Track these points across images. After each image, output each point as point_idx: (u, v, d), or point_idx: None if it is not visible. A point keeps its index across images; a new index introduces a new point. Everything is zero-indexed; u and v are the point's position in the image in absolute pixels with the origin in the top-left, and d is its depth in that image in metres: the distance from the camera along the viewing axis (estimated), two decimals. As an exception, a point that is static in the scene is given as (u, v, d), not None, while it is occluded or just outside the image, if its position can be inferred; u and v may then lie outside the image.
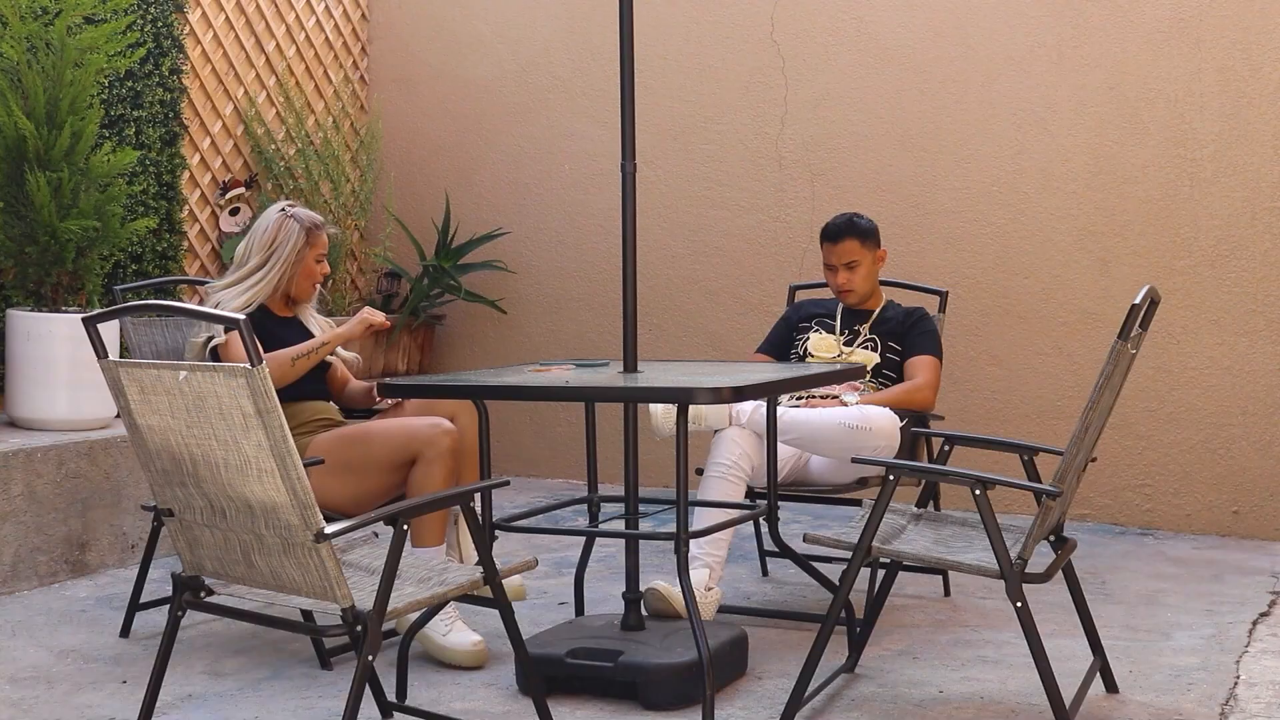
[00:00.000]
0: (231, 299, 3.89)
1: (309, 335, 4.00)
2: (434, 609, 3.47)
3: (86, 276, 4.88)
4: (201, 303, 4.50)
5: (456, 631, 3.66)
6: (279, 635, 3.86)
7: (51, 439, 4.60)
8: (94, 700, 3.39)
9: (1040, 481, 3.14)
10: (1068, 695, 3.10)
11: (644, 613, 3.65)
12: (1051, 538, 3.31)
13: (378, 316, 3.99)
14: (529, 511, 3.80)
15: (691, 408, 3.95)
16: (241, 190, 6.16)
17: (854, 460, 3.32)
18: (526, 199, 6.63)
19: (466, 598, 3.06)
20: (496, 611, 2.89)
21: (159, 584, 4.54)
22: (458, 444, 3.72)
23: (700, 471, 4.10)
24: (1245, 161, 5.33)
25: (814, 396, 4.20)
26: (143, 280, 4.99)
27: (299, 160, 6.34)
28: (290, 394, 3.80)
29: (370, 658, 2.58)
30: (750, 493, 4.09)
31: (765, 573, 4.70)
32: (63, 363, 4.70)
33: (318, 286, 4.08)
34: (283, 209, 4.00)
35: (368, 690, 3.11)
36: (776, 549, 3.76)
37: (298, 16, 6.53)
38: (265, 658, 3.73)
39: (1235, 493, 5.37)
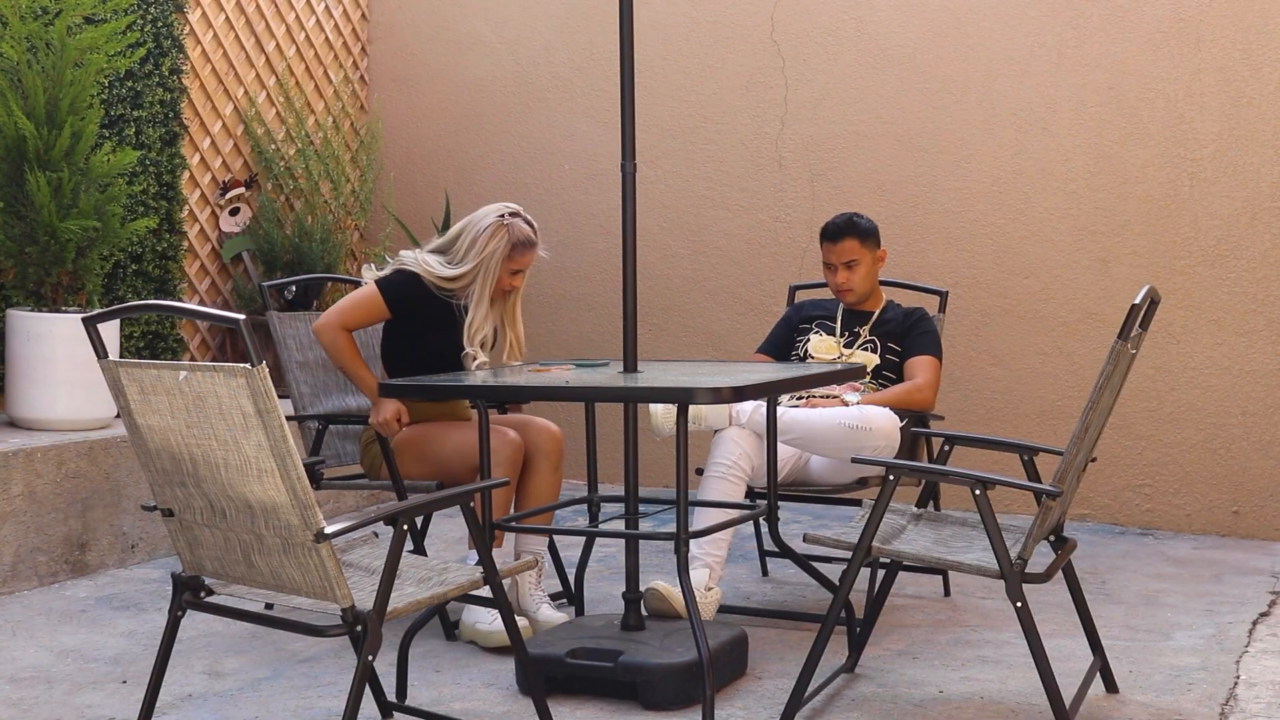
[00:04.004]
0: (436, 267, 3.98)
1: (456, 316, 4.04)
2: (435, 608, 3.47)
3: (86, 276, 4.88)
4: (193, 301, 4.50)
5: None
6: (279, 635, 3.86)
7: (51, 439, 4.60)
8: (94, 700, 3.39)
9: (1040, 481, 3.14)
10: (1068, 695, 3.10)
11: (644, 613, 3.65)
12: (1051, 538, 3.31)
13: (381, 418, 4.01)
14: (529, 512, 3.80)
15: (691, 408, 3.95)
16: (241, 190, 6.16)
17: (854, 460, 3.33)
18: (526, 199, 6.62)
19: (466, 597, 3.06)
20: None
21: (159, 584, 4.54)
22: (518, 455, 3.88)
23: (700, 471, 4.10)
24: (1245, 161, 5.33)
25: (814, 396, 4.20)
26: (290, 278, 5.04)
27: (299, 160, 6.34)
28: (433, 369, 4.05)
29: (370, 658, 2.58)
30: (750, 493, 4.09)
31: (765, 573, 4.70)
32: (63, 363, 4.70)
33: (506, 294, 4.09)
34: (502, 215, 4.01)
35: (368, 690, 3.11)
36: (776, 549, 3.76)
37: (298, 16, 6.53)
38: (265, 658, 3.73)
39: (1235, 493, 5.37)
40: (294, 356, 4.31)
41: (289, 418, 4.29)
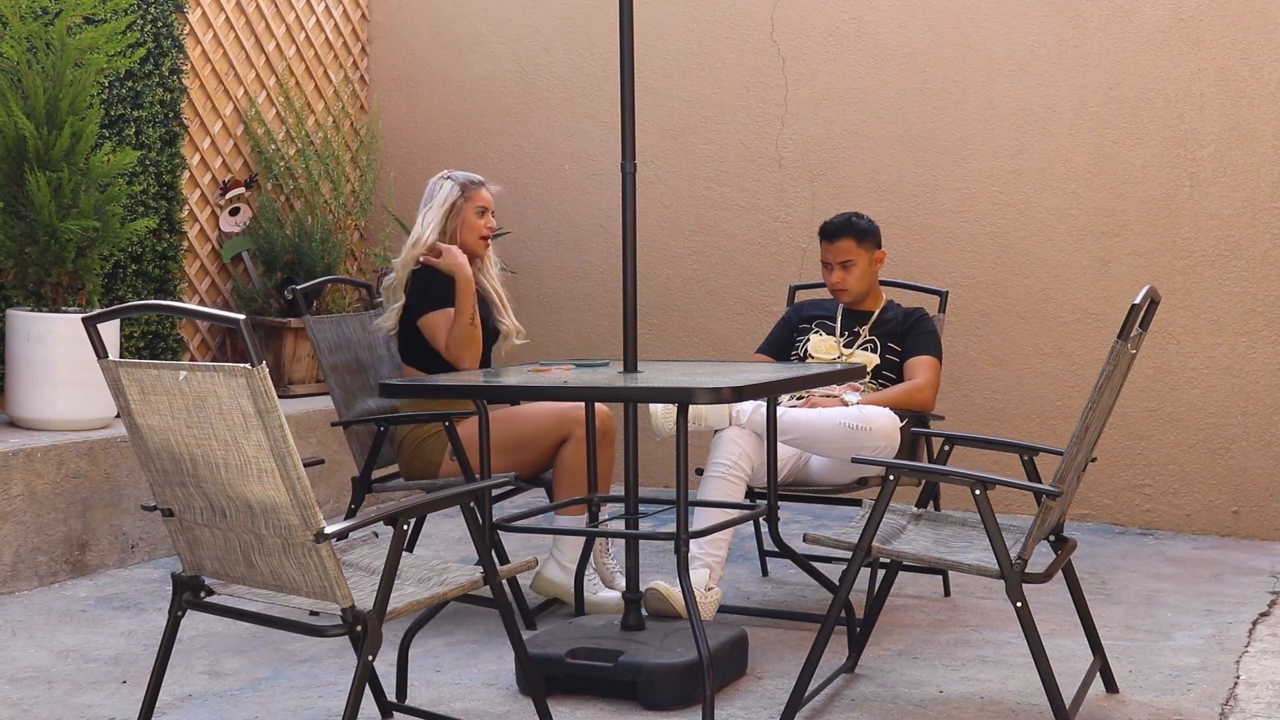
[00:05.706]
0: (409, 255, 4.26)
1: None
2: (434, 607, 3.47)
3: (86, 276, 4.88)
4: (192, 299, 4.50)
5: (604, 590, 4.09)
6: (279, 635, 3.86)
7: (51, 439, 4.60)
8: (94, 700, 3.40)
9: (1040, 481, 3.14)
10: (1068, 695, 3.10)
11: (644, 613, 3.65)
12: (1051, 538, 3.31)
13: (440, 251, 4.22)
14: (529, 511, 3.80)
15: (691, 408, 3.95)
16: (241, 190, 6.16)
17: (854, 460, 3.33)
18: (526, 199, 6.63)
19: (466, 597, 3.06)
20: (491, 611, 2.89)
21: (159, 584, 4.54)
22: (603, 425, 4.01)
23: (700, 471, 4.10)
24: (1245, 161, 5.33)
25: (814, 396, 4.20)
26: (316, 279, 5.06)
27: (299, 160, 6.34)
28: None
29: (370, 658, 2.58)
30: (750, 493, 4.09)
31: (765, 573, 4.70)
32: (63, 363, 4.70)
33: (488, 241, 4.37)
34: (444, 172, 4.37)
35: (368, 690, 3.11)
36: (776, 549, 3.76)
37: (298, 16, 6.52)
38: (265, 658, 3.73)
39: (1235, 493, 5.37)
40: (327, 360, 4.29)
41: (334, 423, 4.31)
